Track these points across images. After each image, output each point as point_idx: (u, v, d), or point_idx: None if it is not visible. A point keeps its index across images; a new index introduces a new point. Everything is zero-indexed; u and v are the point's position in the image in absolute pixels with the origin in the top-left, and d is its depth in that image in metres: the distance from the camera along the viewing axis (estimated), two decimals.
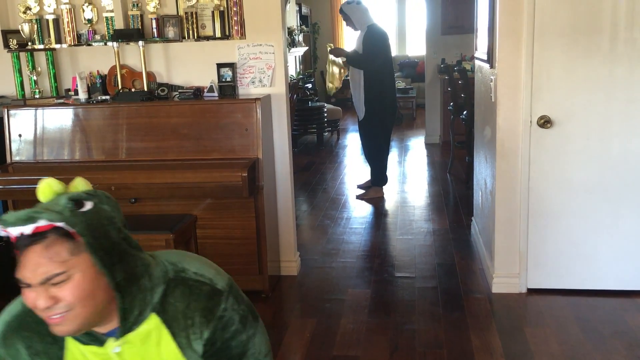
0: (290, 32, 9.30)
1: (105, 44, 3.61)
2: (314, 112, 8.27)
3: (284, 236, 3.78)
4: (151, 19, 3.58)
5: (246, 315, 1.33)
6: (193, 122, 3.41)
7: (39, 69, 3.77)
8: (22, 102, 3.66)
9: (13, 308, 1.34)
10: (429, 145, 8.10)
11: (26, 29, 3.61)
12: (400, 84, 10.48)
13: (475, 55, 4.13)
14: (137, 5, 3.61)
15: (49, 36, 3.69)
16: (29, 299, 1.15)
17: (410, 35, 12.71)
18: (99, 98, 3.59)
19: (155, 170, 3.25)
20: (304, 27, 11.05)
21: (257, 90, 3.62)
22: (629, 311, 3.15)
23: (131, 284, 1.22)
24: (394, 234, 4.63)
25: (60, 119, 3.50)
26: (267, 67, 3.59)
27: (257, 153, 3.34)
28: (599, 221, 3.26)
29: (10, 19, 3.76)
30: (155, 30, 3.59)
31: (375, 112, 5.29)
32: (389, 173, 5.79)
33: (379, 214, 5.20)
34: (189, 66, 3.67)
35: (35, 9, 3.67)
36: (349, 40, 12.69)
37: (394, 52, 12.53)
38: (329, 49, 5.61)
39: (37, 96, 3.73)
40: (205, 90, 3.57)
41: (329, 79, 5.57)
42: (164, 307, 1.27)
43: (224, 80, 3.59)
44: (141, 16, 3.62)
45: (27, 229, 1.13)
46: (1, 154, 3.55)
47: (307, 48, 10.90)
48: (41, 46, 3.69)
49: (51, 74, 3.76)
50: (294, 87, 7.93)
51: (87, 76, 3.70)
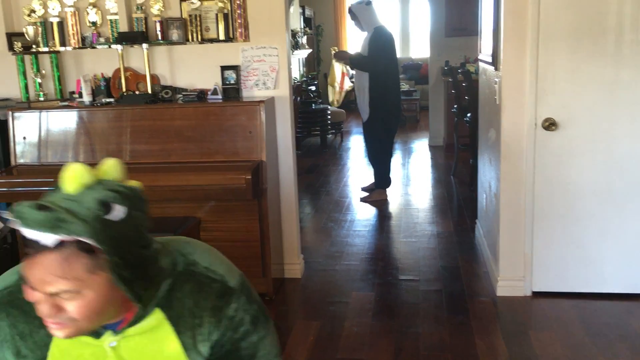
0: (294, 34, 9.30)
1: (110, 46, 3.61)
2: (317, 114, 8.28)
3: (288, 239, 3.78)
4: (155, 21, 3.59)
5: (257, 315, 1.25)
6: (197, 125, 3.41)
7: (44, 71, 3.77)
8: (27, 104, 3.67)
9: (7, 278, 1.22)
10: (432, 148, 8.09)
11: (31, 31, 3.62)
12: (404, 86, 10.45)
13: (480, 58, 4.12)
14: (142, 8, 3.61)
15: (54, 39, 3.70)
16: (30, 296, 1.04)
17: (413, 37, 12.69)
18: (103, 101, 3.60)
19: (159, 173, 3.25)
20: (307, 29, 11.05)
21: (261, 92, 3.62)
22: (634, 314, 3.14)
23: (147, 287, 1.12)
24: (397, 237, 4.62)
25: (64, 121, 3.50)
26: (271, 69, 3.59)
27: (260, 155, 3.34)
28: (604, 224, 3.24)
29: (14, 21, 3.76)
30: (159, 33, 3.59)
31: (379, 114, 5.29)
32: (392, 175, 5.78)
33: (383, 216, 5.19)
34: (192, 69, 3.67)
35: (40, 12, 3.68)
36: (352, 42, 12.69)
37: (397, 54, 12.58)
38: (332, 52, 5.62)
39: (41, 99, 3.74)
40: (209, 93, 3.57)
41: (331, 88, 5.59)
42: (169, 303, 1.16)
43: (227, 82, 3.59)
44: (145, 19, 3.63)
45: (48, 238, 0.99)
46: (5, 156, 3.56)
47: (310, 50, 10.89)
48: (46, 49, 3.70)
49: (55, 76, 3.76)
50: (297, 90, 7.93)
51: (92, 79, 3.71)
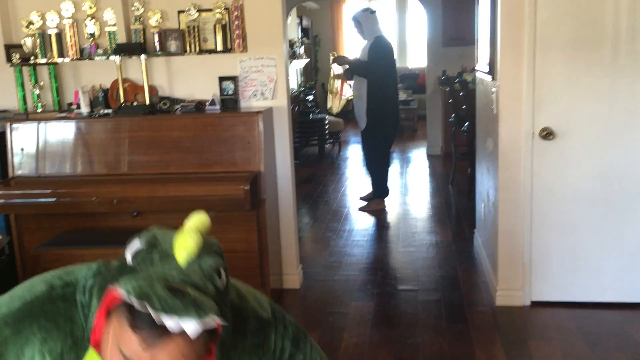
0: (292, 44, 9.34)
1: (108, 58, 3.62)
2: (315, 124, 8.29)
3: (286, 249, 3.77)
4: (153, 33, 3.60)
5: (297, 336, 1.22)
6: (195, 136, 3.41)
7: (42, 83, 3.78)
8: (25, 116, 3.67)
9: (37, 287, 1.09)
10: (430, 157, 8.10)
11: (29, 43, 3.63)
12: (401, 95, 10.49)
13: (477, 67, 4.13)
14: (140, 19, 3.62)
15: (52, 50, 3.71)
16: None
17: (411, 47, 12.74)
18: (101, 112, 3.60)
19: (158, 184, 3.25)
20: (305, 39, 11.10)
21: (259, 103, 3.62)
22: (633, 324, 3.13)
23: None
24: (396, 246, 4.62)
25: (62, 132, 3.50)
26: (269, 80, 3.60)
27: (259, 166, 3.34)
28: (602, 233, 3.24)
29: (13, 33, 3.77)
30: (157, 44, 3.60)
31: (377, 123, 5.31)
32: (390, 185, 5.79)
33: (381, 226, 5.18)
34: (191, 79, 3.68)
35: (38, 23, 3.68)
36: (350, 52, 12.73)
37: (395, 63, 12.62)
38: (332, 58, 5.62)
39: (39, 110, 3.74)
40: (207, 104, 3.58)
41: (330, 95, 5.58)
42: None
43: (226, 93, 3.59)
44: (143, 30, 3.64)
45: (190, 325, 0.88)
46: (3, 168, 3.55)
47: (308, 60, 10.94)
48: (44, 60, 3.71)
49: (53, 88, 3.76)
50: (295, 99, 7.95)
51: (90, 90, 3.71)
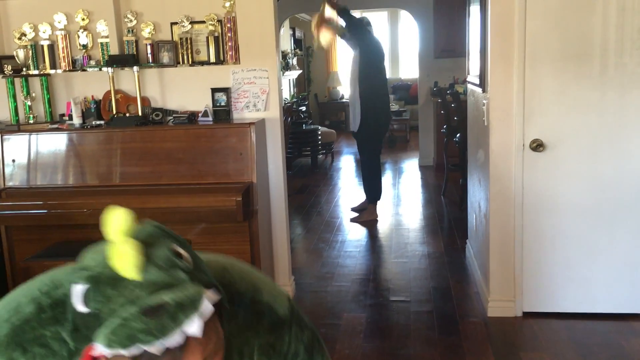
0: (284, 55, 9.38)
1: (100, 69, 3.62)
2: (308, 135, 8.31)
3: (279, 260, 3.77)
4: (146, 44, 3.61)
5: (312, 341, 1.13)
6: (187, 147, 3.42)
7: (34, 94, 3.78)
8: (16, 127, 3.66)
9: (24, 308, 0.98)
10: (422, 168, 8.13)
11: (21, 54, 3.63)
12: (394, 106, 10.53)
13: (468, 79, 4.17)
14: (132, 31, 3.64)
15: (44, 62, 3.71)
16: None
17: (403, 58, 12.83)
18: (93, 123, 3.60)
19: (150, 195, 3.25)
20: (297, 50, 11.15)
21: (251, 114, 3.63)
22: (624, 335, 3.14)
23: None
24: (388, 257, 4.62)
25: (54, 144, 3.50)
26: (262, 91, 3.61)
27: (251, 177, 3.34)
28: (593, 244, 3.26)
29: (5, 45, 3.77)
30: (150, 56, 3.61)
31: (369, 123, 5.41)
32: (383, 188, 5.84)
33: (374, 237, 5.19)
34: (183, 91, 3.69)
35: (31, 35, 3.69)
36: (342, 63, 12.79)
37: (387, 74, 12.69)
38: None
39: (31, 121, 3.73)
40: (200, 115, 3.58)
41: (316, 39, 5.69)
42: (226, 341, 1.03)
43: (218, 104, 3.60)
44: (136, 42, 3.65)
45: (194, 325, 0.80)
46: None
47: (300, 71, 10.99)
48: (36, 72, 3.71)
49: (46, 99, 3.76)
50: (288, 110, 7.97)
51: (82, 101, 3.71)
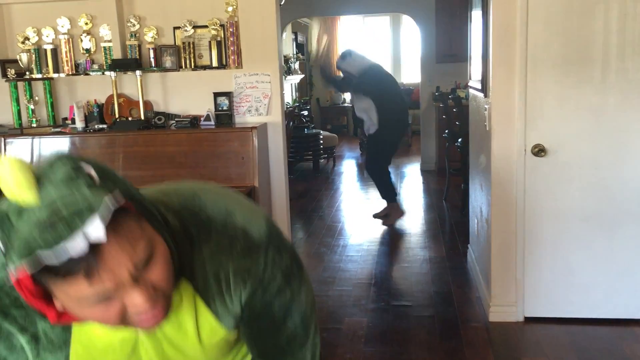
0: (286, 60, 9.40)
1: (103, 73, 3.64)
2: (310, 139, 8.32)
3: None
4: (149, 48, 3.62)
5: (290, 266, 1.08)
6: (190, 151, 3.43)
7: (37, 98, 3.79)
8: (19, 131, 3.68)
9: None
10: (424, 172, 8.13)
11: (24, 58, 3.64)
12: None
13: (470, 84, 4.17)
14: (135, 35, 3.65)
15: (47, 66, 3.72)
16: (114, 306, 0.84)
17: (405, 62, 12.84)
18: (95, 127, 3.61)
19: None
20: (299, 55, 11.17)
21: (253, 118, 3.64)
22: (626, 340, 3.14)
23: (169, 241, 0.94)
24: (390, 262, 4.62)
25: (56, 147, 3.51)
26: (264, 96, 3.62)
27: (253, 181, 3.35)
28: (594, 249, 3.26)
29: (8, 49, 3.79)
30: (152, 60, 3.62)
31: (386, 129, 5.41)
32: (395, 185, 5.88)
33: (376, 241, 5.19)
34: (186, 95, 3.70)
35: (34, 39, 3.71)
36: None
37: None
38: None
39: (34, 125, 3.75)
40: (202, 119, 3.59)
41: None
42: (192, 272, 1.01)
43: (220, 109, 3.61)
44: (139, 46, 3.66)
45: (96, 230, 0.76)
46: None
47: (302, 76, 11.00)
48: (39, 75, 3.72)
49: (48, 103, 3.78)
50: (289, 115, 7.99)
51: (84, 105, 3.72)
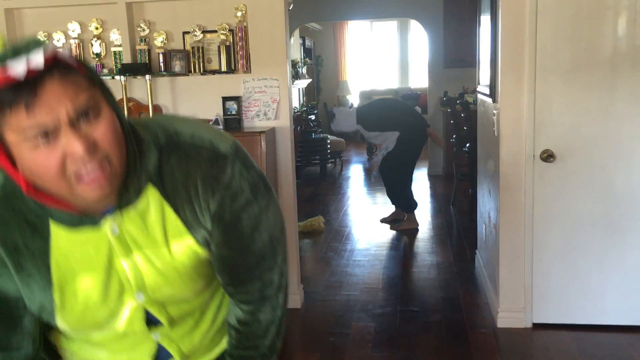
0: (294, 64, 9.42)
1: (113, 77, 3.66)
2: (317, 143, 8.33)
3: (288, 268, 3.76)
4: (158, 53, 3.64)
5: (257, 183, 1.12)
6: None
7: None
8: None
9: None
10: (432, 177, 8.12)
11: None
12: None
13: (478, 89, 4.17)
14: (145, 40, 3.67)
15: None
16: (55, 151, 0.89)
17: (412, 67, 12.84)
18: None
19: None
20: (307, 59, 11.19)
21: (262, 123, 3.65)
22: (635, 347, 3.12)
23: (131, 140, 1.00)
24: (397, 267, 4.62)
25: None
26: (272, 100, 3.64)
27: None
28: (603, 255, 3.25)
29: None
30: (162, 65, 3.64)
31: (405, 141, 5.40)
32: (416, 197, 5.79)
33: (383, 246, 5.18)
34: (194, 100, 3.72)
35: None
36: (351, 73, 12.84)
37: (396, 84, 12.73)
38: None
39: None
40: (211, 123, 3.61)
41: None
42: (161, 179, 1.05)
43: (229, 113, 3.63)
44: (149, 51, 3.69)
45: (37, 57, 0.87)
46: None
47: (310, 80, 11.02)
48: None
49: None
50: (297, 119, 8.00)
51: None
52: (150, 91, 3.59)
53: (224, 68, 3.63)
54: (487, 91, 3.63)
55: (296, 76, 9.26)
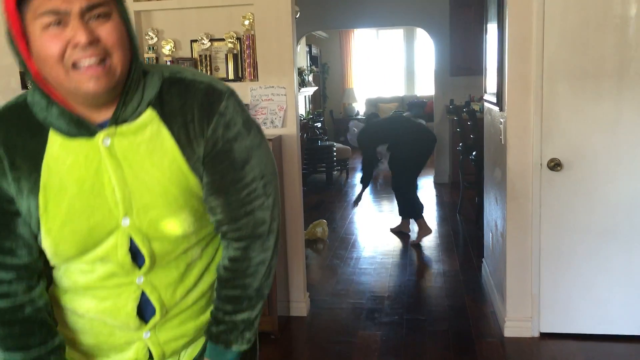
0: (300, 72, 9.45)
1: None
2: (323, 151, 8.34)
3: (294, 276, 3.77)
4: (166, 61, 3.66)
5: (250, 121, 1.21)
6: None
7: None
8: None
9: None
10: (438, 185, 8.11)
11: None
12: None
13: (484, 98, 4.17)
14: (153, 48, 3.70)
15: None
16: (61, 37, 1.00)
17: (419, 75, 12.86)
18: None
19: None
20: (313, 67, 11.22)
21: (268, 131, 3.66)
22: None
23: (136, 61, 1.12)
24: (403, 275, 4.61)
25: None
26: (279, 108, 3.65)
27: None
28: (611, 264, 3.23)
29: None
30: None
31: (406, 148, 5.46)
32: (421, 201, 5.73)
33: (389, 254, 5.17)
34: None
35: None
36: (357, 81, 12.86)
37: (402, 92, 12.75)
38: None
39: None
40: None
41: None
42: (160, 103, 1.15)
43: None
44: (157, 59, 3.71)
45: None
46: None
47: (316, 88, 11.05)
48: None
49: None
50: (303, 127, 8.01)
51: None
52: None
53: (231, 76, 3.64)
54: (494, 99, 3.63)
55: (302, 84, 9.29)
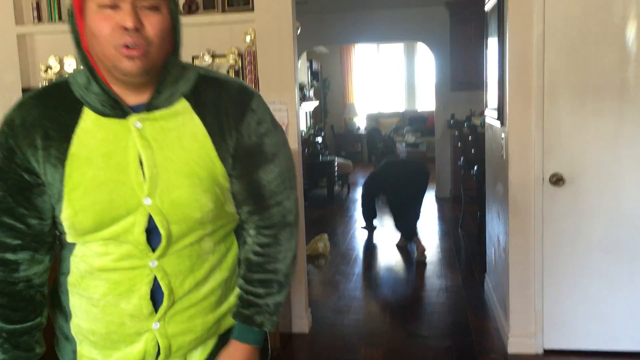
0: (301, 87, 9.48)
1: None
2: (324, 166, 8.33)
3: (295, 292, 3.75)
4: None
5: (275, 121, 1.31)
6: None
7: None
8: None
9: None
10: (439, 200, 8.09)
11: None
12: (410, 138, 10.55)
13: (486, 113, 4.17)
14: None
15: None
16: (111, 20, 1.10)
17: (419, 89, 12.89)
18: None
19: None
20: (314, 82, 11.26)
21: None
22: None
23: (176, 55, 1.21)
24: (406, 290, 4.58)
25: None
26: (280, 123, 3.64)
27: None
28: (615, 280, 3.21)
29: (31, 77, 3.86)
30: None
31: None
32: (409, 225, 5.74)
33: (391, 269, 5.15)
34: None
35: (56, 68, 3.77)
36: (358, 95, 12.90)
37: (402, 107, 12.78)
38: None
39: None
40: None
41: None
42: (195, 96, 1.24)
43: None
44: None
45: None
46: None
47: (317, 103, 11.07)
48: None
49: None
50: (304, 142, 8.02)
51: None
52: None
53: None
54: (495, 114, 3.63)
55: (303, 99, 9.31)
